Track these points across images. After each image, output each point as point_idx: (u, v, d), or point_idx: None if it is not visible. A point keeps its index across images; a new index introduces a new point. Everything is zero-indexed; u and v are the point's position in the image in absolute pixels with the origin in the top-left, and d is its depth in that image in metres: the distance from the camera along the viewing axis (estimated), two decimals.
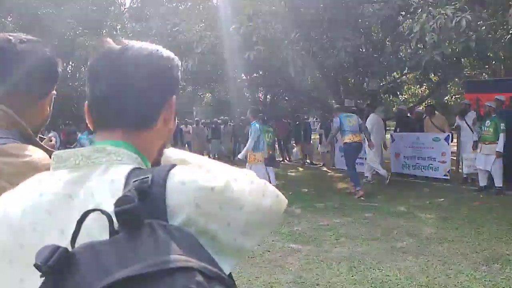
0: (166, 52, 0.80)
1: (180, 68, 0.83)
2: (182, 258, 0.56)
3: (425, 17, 5.92)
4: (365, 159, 8.75)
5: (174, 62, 0.80)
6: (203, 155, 3.87)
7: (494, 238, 4.70)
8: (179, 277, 0.54)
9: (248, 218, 0.70)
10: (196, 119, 18.28)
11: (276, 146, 13.55)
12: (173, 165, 0.69)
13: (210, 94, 21.17)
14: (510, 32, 6.73)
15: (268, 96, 17.95)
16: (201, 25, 9.99)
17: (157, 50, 0.78)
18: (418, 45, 6.77)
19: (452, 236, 4.82)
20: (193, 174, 0.68)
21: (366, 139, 7.66)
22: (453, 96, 17.35)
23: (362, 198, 7.08)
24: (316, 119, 22.37)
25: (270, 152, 7.80)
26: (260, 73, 12.64)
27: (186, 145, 15.38)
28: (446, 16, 5.63)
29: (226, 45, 8.64)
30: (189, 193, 0.65)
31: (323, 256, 4.32)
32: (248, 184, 0.73)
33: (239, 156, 7.65)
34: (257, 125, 7.22)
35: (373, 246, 4.49)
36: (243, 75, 12.85)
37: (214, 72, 11.12)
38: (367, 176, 8.78)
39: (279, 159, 13.91)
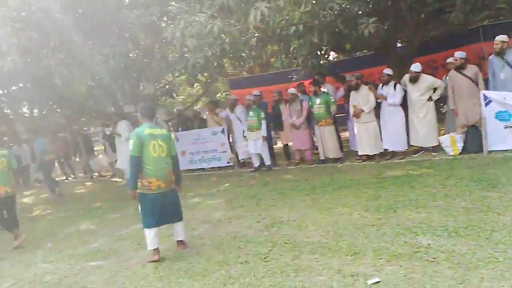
0: None
1: None
2: None
3: (183, 23, 6.38)
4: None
5: None
6: None
7: (270, 206, 5.59)
8: None
9: None
10: None
11: (57, 164, 12.29)
12: None
13: None
14: (256, 35, 7.90)
15: (35, 111, 15.97)
16: None
17: None
18: (184, 49, 7.21)
19: (239, 213, 5.49)
20: None
21: None
22: (223, 93, 19.28)
23: None
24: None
25: None
26: (21, 85, 11.19)
27: None
28: (200, 23, 6.21)
29: None
30: None
31: (126, 264, 4.29)
32: None
33: None
34: None
35: (174, 241, 4.65)
36: None
37: None
38: None
39: (61, 178, 12.64)
